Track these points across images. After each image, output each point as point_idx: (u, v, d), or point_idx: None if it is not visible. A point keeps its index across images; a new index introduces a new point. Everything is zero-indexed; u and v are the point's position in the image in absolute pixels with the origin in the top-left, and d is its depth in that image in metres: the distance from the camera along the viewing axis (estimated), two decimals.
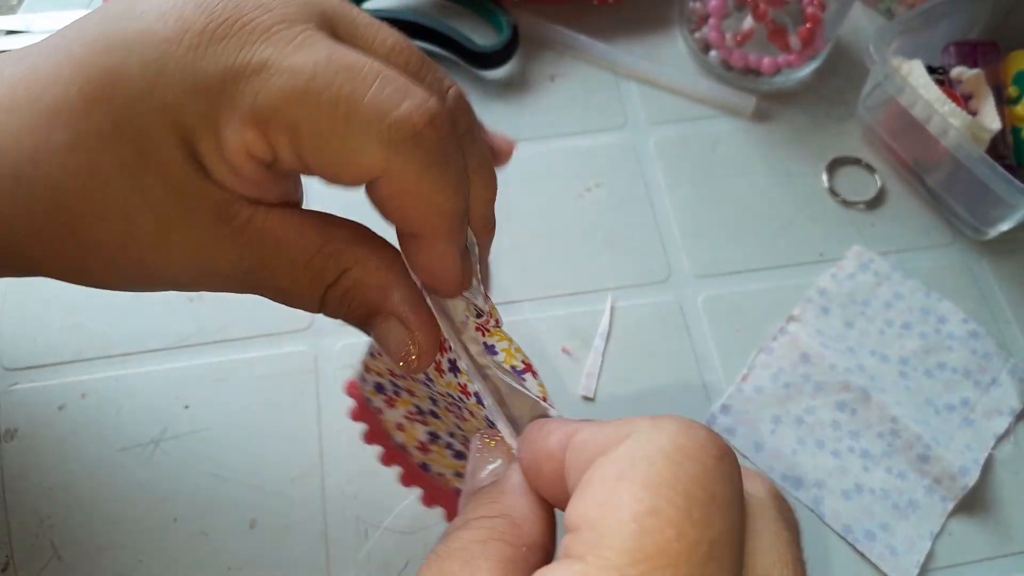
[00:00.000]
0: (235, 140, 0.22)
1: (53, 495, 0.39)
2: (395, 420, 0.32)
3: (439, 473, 0.33)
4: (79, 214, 0.23)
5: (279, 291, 0.25)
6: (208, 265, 0.24)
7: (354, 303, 0.26)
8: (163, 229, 0.23)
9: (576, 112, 0.52)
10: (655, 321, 0.45)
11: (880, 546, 0.40)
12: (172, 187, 0.22)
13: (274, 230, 0.24)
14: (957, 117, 0.45)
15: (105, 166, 0.22)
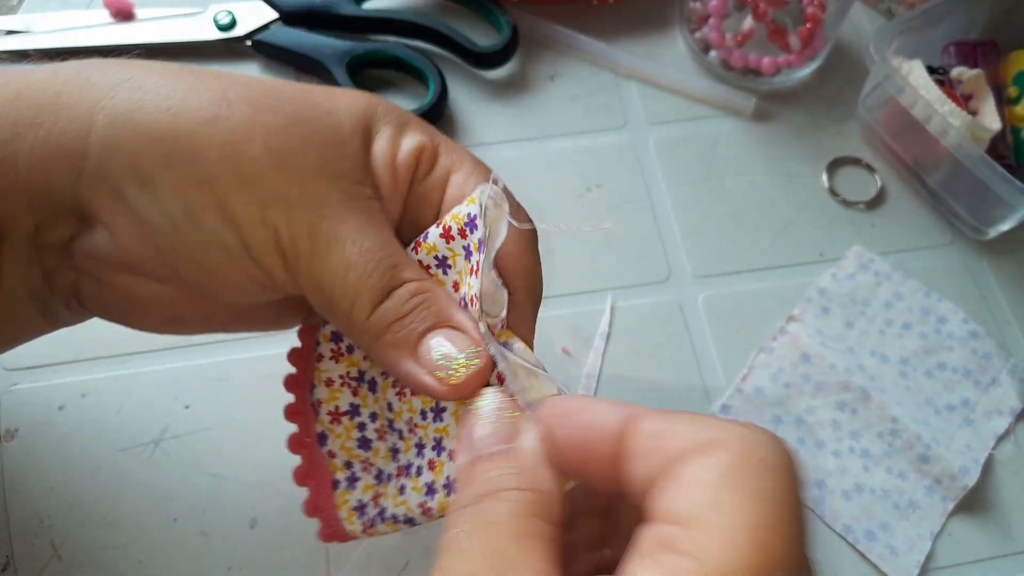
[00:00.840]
0: (416, 139, 0.29)
1: (53, 495, 0.39)
2: (329, 375, 0.31)
3: (330, 452, 0.31)
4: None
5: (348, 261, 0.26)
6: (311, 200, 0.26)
7: (424, 305, 0.27)
8: (303, 163, 0.26)
9: (576, 112, 0.52)
10: (655, 321, 0.45)
11: (880, 546, 0.40)
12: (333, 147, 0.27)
13: (381, 218, 0.27)
14: (957, 117, 0.45)
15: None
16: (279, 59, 0.52)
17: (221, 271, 0.27)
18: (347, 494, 0.31)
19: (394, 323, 0.26)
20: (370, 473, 0.31)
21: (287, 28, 0.52)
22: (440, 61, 0.51)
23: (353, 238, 0.26)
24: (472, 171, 0.29)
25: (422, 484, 0.28)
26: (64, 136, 0.25)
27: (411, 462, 0.29)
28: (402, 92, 0.52)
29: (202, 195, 0.25)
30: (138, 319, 0.30)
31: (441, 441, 0.28)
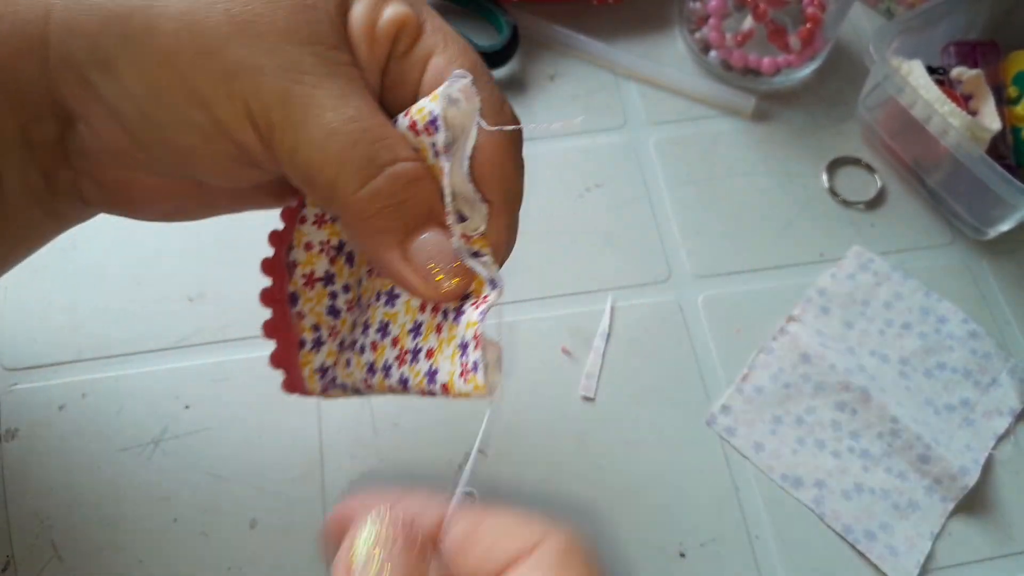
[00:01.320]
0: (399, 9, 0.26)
1: (53, 495, 0.39)
2: (309, 239, 0.31)
3: (299, 313, 0.31)
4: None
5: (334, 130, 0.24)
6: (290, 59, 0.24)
7: (421, 195, 0.25)
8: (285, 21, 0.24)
9: (576, 112, 0.52)
10: (655, 321, 0.45)
11: (880, 546, 0.40)
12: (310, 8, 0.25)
13: (362, 86, 0.25)
14: (957, 117, 0.45)
15: None
16: None
17: (199, 153, 0.25)
18: (311, 355, 0.31)
19: (387, 207, 0.24)
20: (335, 339, 0.31)
21: None
22: None
23: (333, 104, 0.24)
24: (456, 56, 0.26)
25: (364, 362, 0.28)
26: (26, 25, 0.24)
27: (356, 339, 0.29)
28: None
29: (163, 75, 0.23)
30: (140, 211, 0.29)
31: (388, 326, 0.28)
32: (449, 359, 0.26)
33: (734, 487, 0.41)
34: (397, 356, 0.27)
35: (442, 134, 0.24)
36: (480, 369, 0.25)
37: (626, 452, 0.42)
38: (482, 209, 0.26)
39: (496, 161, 0.26)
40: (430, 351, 0.26)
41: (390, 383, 0.27)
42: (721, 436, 0.42)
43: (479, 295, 0.26)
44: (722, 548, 0.40)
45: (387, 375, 0.27)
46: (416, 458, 0.41)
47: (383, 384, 0.28)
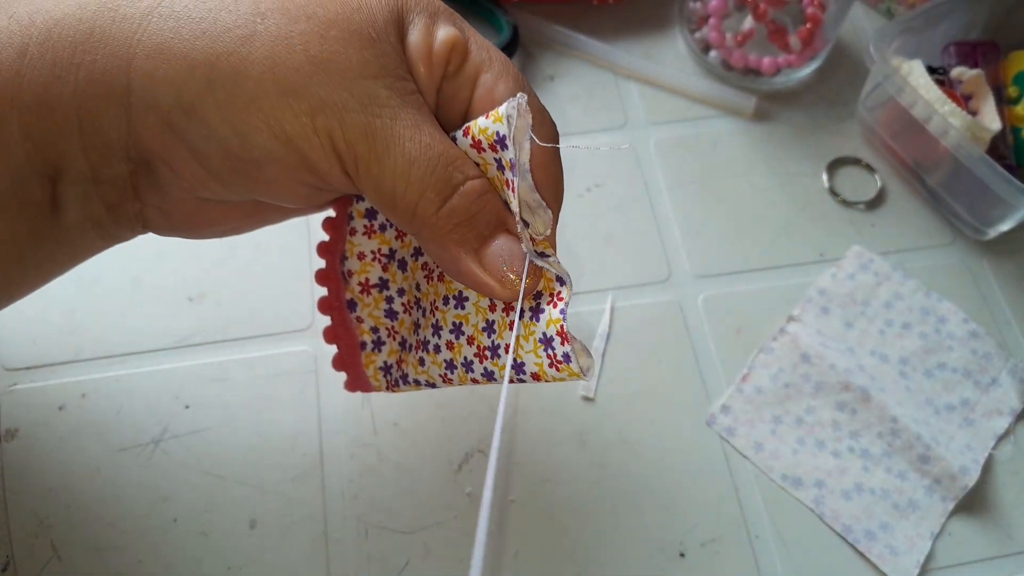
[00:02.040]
0: (449, 31, 0.28)
1: (53, 495, 0.39)
2: (361, 249, 0.33)
3: (358, 317, 0.34)
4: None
5: (412, 155, 0.26)
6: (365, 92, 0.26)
7: (491, 207, 0.28)
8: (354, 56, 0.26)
9: (576, 112, 0.52)
10: (655, 321, 0.45)
11: (880, 546, 0.40)
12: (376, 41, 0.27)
13: (429, 113, 0.28)
14: (957, 117, 0.45)
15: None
16: None
17: (279, 183, 0.27)
18: (374, 355, 0.34)
19: (463, 222, 0.27)
20: (395, 339, 0.34)
21: None
22: None
23: (410, 134, 0.26)
24: (501, 72, 0.29)
25: (441, 360, 0.31)
26: (106, 74, 0.25)
27: (427, 339, 0.32)
28: None
29: (249, 116, 0.25)
30: (201, 233, 0.31)
31: (461, 326, 0.31)
32: (533, 352, 0.28)
33: (734, 487, 0.41)
34: (476, 353, 0.30)
35: (511, 151, 0.27)
36: (573, 359, 0.27)
37: (626, 452, 0.42)
38: (544, 215, 0.29)
39: (547, 167, 0.29)
40: (508, 347, 0.29)
41: (473, 376, 0.30)
42: (721, 436, 0.42)
43: (550, 292, 0.29)
44: (722, 548, 0.40)
45: (469, 370, 0.30)
46: (416, 458, 0.41)
47: (466, 378, 0.31)
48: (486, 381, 0.30)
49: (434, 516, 0.40)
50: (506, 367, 0.29)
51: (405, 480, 0.40)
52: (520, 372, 0.29)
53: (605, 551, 0.39)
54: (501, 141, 0.27)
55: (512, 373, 0.29)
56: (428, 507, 0.40)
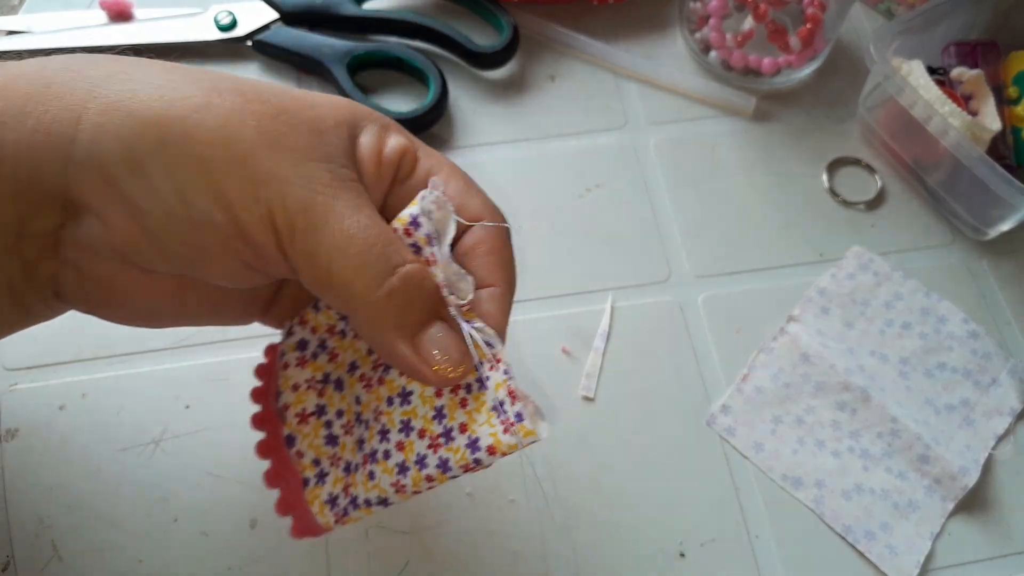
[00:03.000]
0: (399, 140, 0.30)
1: (53, 495, 0.39)
2: (295, 380, 0.33)
3: (298, 452, 0.33)
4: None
5: (349, 236, 0.27)
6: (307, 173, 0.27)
7: (428, 293, 0.28)
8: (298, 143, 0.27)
9: (576, 112, 0.52)
10: (655, 321, 0.45)
11: (880, 546, 0.40)
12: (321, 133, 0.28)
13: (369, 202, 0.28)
14: (957, 117, 0.45)
15: None
16: (280, 59, 0.52)
17: (212, 252, 0.27)
18: (318, 489, 0.32)
19: (400, 306, 0.27)
20: (339, 467, 0.32)
21: (288, 28, 0.52)
22: (440, 61, 0.51)
23: (349, 212, 0.26)
24: (451, 174, 0.30)
25: (393, 465, 0.30)
26: (54, 124, 0.25)
27: (376, 448, 0.30)
28: (402, 92, 0.52)
29: (194, 177, 0.25)
30: (114, 310, 0.31)
31: (409, 422, 0.30)
32: (486, 423, 0.28)
33: (734, 487, 0.41)
34: (429, 445, 0.29)
35: (424, 228, 0.28)
36: (526, 417, 0.27)
37: (626, 452, 0.42)
38: (470, 281, 0.29)
39: (498, 250, 0.30)
40: (463, 425, 0.28)
41: (427, 472, 0.29)
42: (721, 436, 0.42)
43: (486, 358, 0.29)
44: (722, 548, 0.40)
45: (422, 466, 0.29)
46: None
47: (418, 478, 0.29)
48: (440, 474, 0.29)
49: (434, 516, 0.40)
50: (460, 448, 0.28)
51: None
52: (475, 449, 0.28)
53: (605, 551, 0.39)
54: (414, 222, 0.28)
55: (466, 453, 0.28)
56: (428, 507, 0.40)
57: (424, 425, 0.29)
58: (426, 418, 0.29)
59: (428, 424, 0.29)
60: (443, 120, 0.51)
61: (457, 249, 0.30)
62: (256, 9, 0.52)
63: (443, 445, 0.29)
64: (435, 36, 0.52)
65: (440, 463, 0.29)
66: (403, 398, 0.30)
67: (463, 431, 0.28)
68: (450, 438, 0.29)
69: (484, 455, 0.28)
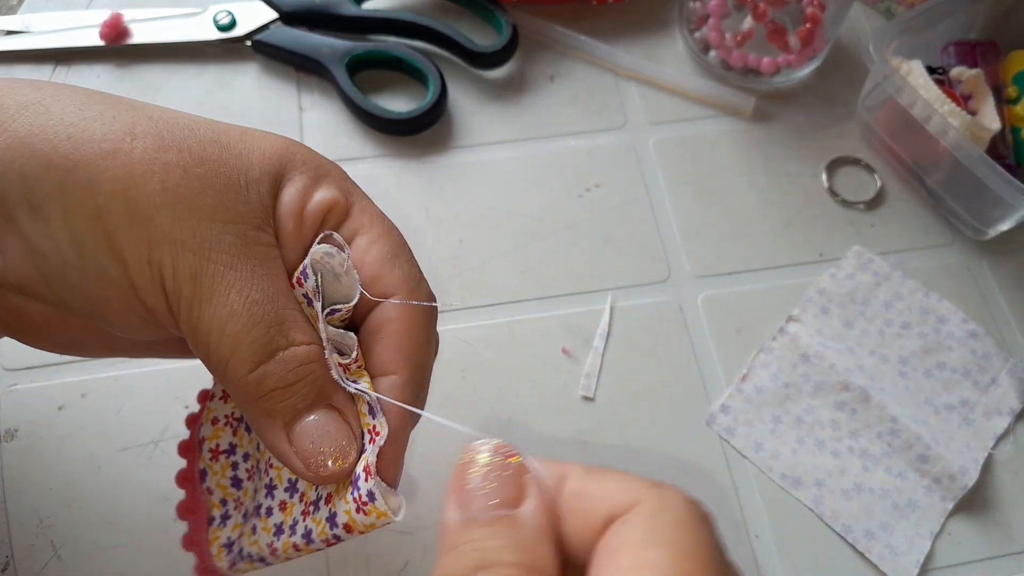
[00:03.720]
0: (329, 192, 0.27)
1: (53, 495, 0.39)
2: (215, 414, 0.32)
3: (208, 489, 0.32)
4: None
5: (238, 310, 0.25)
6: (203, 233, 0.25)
7: (312, 378, 0.26)
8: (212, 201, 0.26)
9: (576, 112, 0.52)
10: (655, 321, 0.45)
11: (880, 546, 0.40)
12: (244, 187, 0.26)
13: (278, 269, 0.26)
14: (957, 117, 0.45)
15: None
16: (279, 59, 0.52)
17: (108, 304, 0.26)
18: (219, 531, 0.31)
19: (275, 391, 0.25)
20: (240, 512, 0.31)
21: (287, 28, 0.52)
22: (440, 61, 0.51)
23: (239, 286, 0.25)
24: (379, 236, 0.28)
25: (271, 524, 0.29)
26: None
27: (260, 503, 0.30)
28: (402, 92, 0.52)
29: (91, 228, 0.25)
30: (34, 339, 0.30)
31: (296, 483, 0.29)
32: (343, 498, 0.26)
33: (734, 487, 0.41)
34: (303, 511, 0.28)
35: (310, 280, 0.26)
36: (378, 496, 0.25)
37: (626, 452, 0.42)
38: (352, 340, 0.27)
39: (406, 333, 0.27)
40: (328, 496, 0.27)
41: (294, 540, 0.27)
42: (721, 436, 0.42)
43: (367, 428, 0.27)
44: None
45: (292, 532, 0.28)
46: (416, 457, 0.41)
47: (288, 544, 0.28)
48: (305, 544, 0.27)
49: (434, 516, 0.40)
50: (321, 520, 0.27)
51: (405, 480, 0.40)
52: (333, 525, 0.26)
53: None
54: (304, 272, 0.26)
55: (326, 527, 0.27)
56: (428, 507, 0.40)
57: (306, 489, 0.28)
58: (308, 482, 0.28)
59: (308, 488, 0.28)
60: (442, 120, 0.51)
61: (364, 326, 0.28)
62: (255, 9, 0.52)
63: (311, 514, 0.27)
64: (435, 36, 0.52)
65: (305, 533, 0.27)
66: None
67: (327, 503, 0.27)
68: (317, 508, 0.27)
69: (342, 532, 0.26)
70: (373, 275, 0.27)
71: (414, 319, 0.27)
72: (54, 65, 0.52)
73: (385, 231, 0.28)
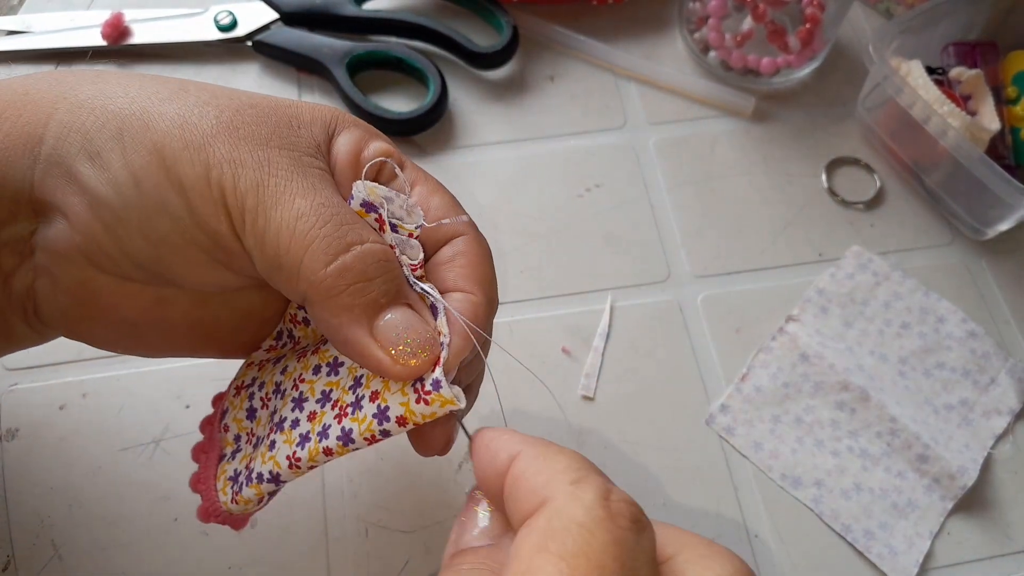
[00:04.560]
0: (383, 144, 0.29)
1: (54, 495, 0.39)
2: (253, 359, 0.33)
3: (225, 426, 0.33)
4: None
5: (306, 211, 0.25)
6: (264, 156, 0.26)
7: (389, 276, 0.26)
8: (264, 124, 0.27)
9: (576, 112, 0.52)
10: (655, 321, 0.46)
11: (879, 545, 0.40)
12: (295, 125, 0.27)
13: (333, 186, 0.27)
14: (956, 117, 0.45)
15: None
16: (280, 59, 0.52)
17: (173, 244, 0.26)
18: (227, 464, 0.32)
19: (356, 284, 0.25)
20: (251, 443, 0.32)
21: (287, 28, 0.52)
22: (440, 62, 0.51)
23: (304, 192, 0.25)
24: (437, 188, 0.29)
25: (296, 435, 0.28)
26: (26, 127, 0.26)
27: (285, 417, 0.30)
28: (402, 92, 0.52)
29: (149, 163, 0.25)
30: (93, 327, 0.29)
31: (329, 393, 0.29)
32: (399, 392, 0.26)
33: (733, 486, 0.41)
34: (336, 415, 0.28)
35: (360, 192, 0.27)
36: (444, 384, 0.25)
37: (626, 452, 0.42)
38: (417, 246, 0.27)
39: (479, 264, 0.28)
40: (374, 394, 0.27)
41: (326, 444, 0.27)
42: (720, 435, 0.42)
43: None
44: None
45: (323, 437, 0.28)
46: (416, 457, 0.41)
47: (316, 451, 0.28)
48: (341, 447, 0.27)
49: (434, 516, 0.40)
50: (366, 417, 0.27)
51: (405, 479, 0.40)
52: (383, 420, 0.26)
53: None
54: (363, 204, 0.27)
55: (372, 423, 0.27)
56: (428, 507, 0.40)
57: (340, 395, 0.28)
58: (343, 388, 0.28)
59: (344, 394, 0.28)
60: (443, 120, 0.51)
61: (434, 259, 0.28)
62: (256, 9, 0.52)
63: (348, 415, 0.27)
64: (435, 36, 0.52)
65: (342, 434, 0.27)
66: (332, 368, 0.29)
67: (373, 400, 0.27)
68: (358, 407, 0.27)
69: (393, 426, 0.26)
70: (438, 218, 0.28)
71: (485, 254, 0.29)
72: (55, 65, 0.52)
73: (440, 185, 0.29)
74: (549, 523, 0.21)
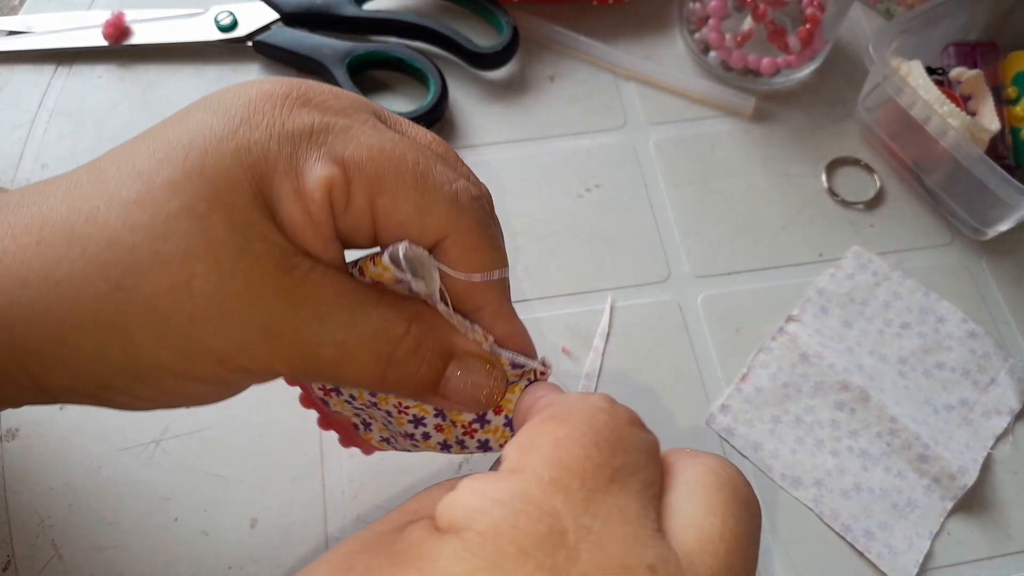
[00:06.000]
0: (319, 174, 0.23)
1: (54, 494, 0.39)
2: None
3: (335, 411, 0.34)
4: (132, 265, 0.22)
5: (332, 356, 0.25)
6: (260, 320, 0.23)
7: (430, 352, 0.26)
8: (220, 277, 0.23)
9: (576, 112, 0.52)
10: (655, 321, 0.46)
11: (879, 545, 0.40)
12: (237, 230, 0.23)
13: (333, 283, 0.25)
14: (956, 118, 0.45)
15: (172, 212, 0.22)
16: (280, 60, 0.52)
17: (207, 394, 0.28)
18: (368, 435, 0.34)
19: (408, 378, 0.26)
20: (377, 421, 0.33)
21: (288, 29, 0.52)
22: (440, 62, 0.52)
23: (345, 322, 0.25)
24: (398, 186, 0.26)
25: (435, 443, 0.31)
26: None
27: (410, 432, 0.31)
28: (402, 93, 0.52)
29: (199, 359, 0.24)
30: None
31: (443, 411, 0.30)
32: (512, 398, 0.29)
33: None
34: (463, 432, 0.30)
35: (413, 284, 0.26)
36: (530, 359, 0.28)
37: None
38: (435, 278, 0.27)
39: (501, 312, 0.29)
40: (498, 407, 0.29)
41: (467, 451, 0.31)
42: (720, 435, 0.42)
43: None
44: None
45: (463, 447, 0.31)
46: (417, 457, 0.41)
47: (460, 452, 0.32)
48: (481, 451, 0.31)
49: None
50: (498, 427, 0.30)
51: (405, 480, 0.40)
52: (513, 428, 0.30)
53: None
54: (400, 283, 0.26)
55: (506, 432, 0.30)
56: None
57: (453, 417, 0.30)
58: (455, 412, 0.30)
59: (457, 416, 0.30)
60: (443, 120, 0.51)
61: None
62: (256, 10, 0.52)
63: (479, 430, 0.30)
64: (435, 36, 0.52)
65: (480, 445, 0.30)
66: None
67: (497, 412, 0.29)
68: (485, 421, 0.30)
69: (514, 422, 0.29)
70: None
71: (504, 297, 0.29)
72: (56, 65, 0.52)
73: (406, 173, 0.28)
74: (555, 410, 0.23)
